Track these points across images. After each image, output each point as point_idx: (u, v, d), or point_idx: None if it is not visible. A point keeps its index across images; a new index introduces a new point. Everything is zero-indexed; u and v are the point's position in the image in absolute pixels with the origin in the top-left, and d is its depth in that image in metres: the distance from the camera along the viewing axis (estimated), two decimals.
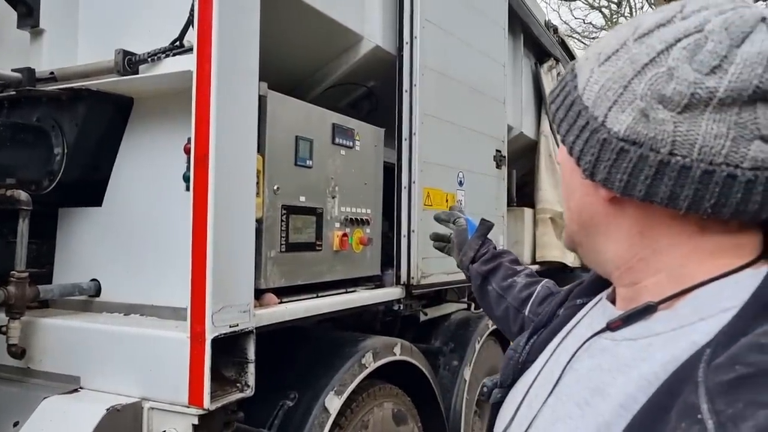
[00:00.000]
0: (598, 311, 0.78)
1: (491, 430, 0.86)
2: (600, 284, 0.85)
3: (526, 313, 1.25)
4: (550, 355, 0.79)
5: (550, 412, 0.69)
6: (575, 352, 0.70)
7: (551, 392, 0.70)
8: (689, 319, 0.62)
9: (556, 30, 5.22)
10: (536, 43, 4.69)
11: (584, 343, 0.70)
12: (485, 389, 0.90)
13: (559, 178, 0.86)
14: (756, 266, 0.63)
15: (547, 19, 5.07)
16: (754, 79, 0.56)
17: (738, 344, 0.53)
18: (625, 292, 0.71)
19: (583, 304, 0.85)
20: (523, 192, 4.88)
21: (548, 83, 4.82)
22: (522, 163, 4.86)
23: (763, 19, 0.58)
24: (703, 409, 0.50)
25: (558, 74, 5.01)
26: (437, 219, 1.72)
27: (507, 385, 0.86)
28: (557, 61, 5.03)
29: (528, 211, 4.59)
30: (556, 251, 4.59)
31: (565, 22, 19.15)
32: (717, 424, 0.48)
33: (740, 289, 0.61)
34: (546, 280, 1.31)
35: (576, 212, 0.73)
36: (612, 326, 0.67)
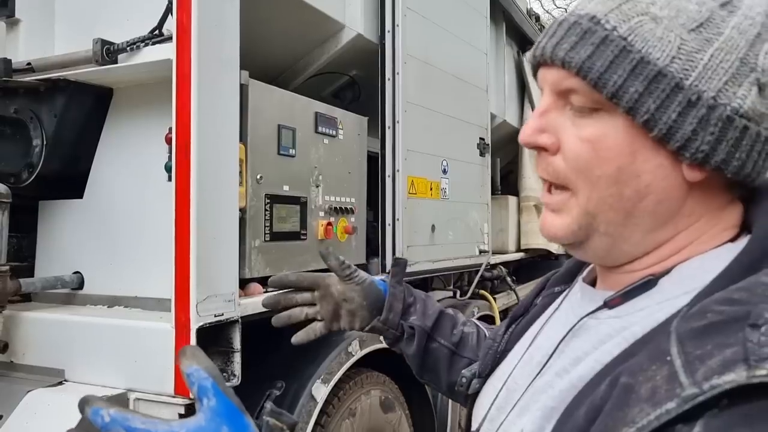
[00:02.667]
0: (576, 295, 0.77)
1: (470, 420, 0.85)
2: (576, 271, 0.85)
3: None
4: (531, 342, 0.79)
5: (533, 390, 0.70)
6: (566, 335, 0.69)
7: (539, 373, 0.70)
8: (673, 293, 0.63)
9: (538, 18, 5.23)
10: (518, 32, 4.70)
11: (577, 323, 0.69)
12: (464, 380, 0.88)
13: None
14: (736, 241, 0.64)
15: (528, 7, 5.08)
16: None
17: (711, 298, 0.55)
18: (619, 276, 0.69)
19: (561, 292, 0.85)
20: (507, 180, 4.91)
21: (531, 72, 4.82)
22: (506, 151, 4.87)
23: None
24: (672, 351, 0.52)
25: None
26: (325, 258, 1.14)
27: (485, 375, 0.85)
28: None
29: (512, 199, 4.61)
30: (540, 239, 4.63)
31: (547, 11, 19.21)
32: (684, 362, 0.50)
33: (722, 261, 0.61)
34: (474, 321, 1.15)
35: (634, 199, 0.62)
36: (610, 303, 0.66)
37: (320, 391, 2.02)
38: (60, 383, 1.73)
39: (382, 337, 1.13)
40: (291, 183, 2.07)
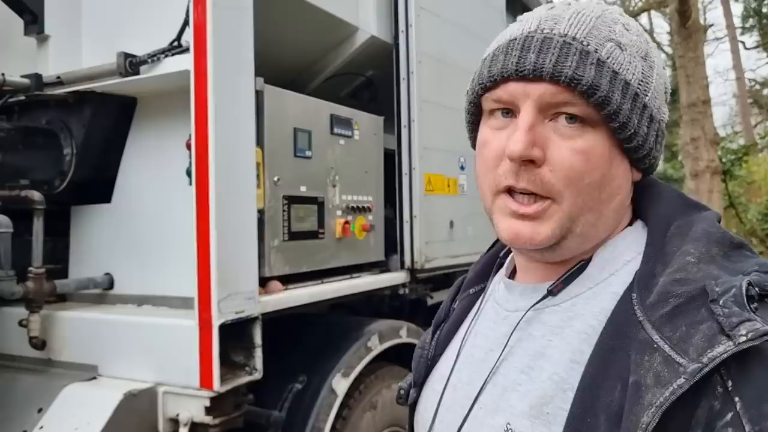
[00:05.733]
0: (499, 291, 0.82)
1: (412, 428, 0.87)
2: (488, 271, 0.90)
3: None
4: (462, 343, 0.82)
5: (492, 387, 0.72)
6: (514, 329, 0.73)
7: (493, 370, 0.73)
8: (601, 276, 0.71)
9: None
10: None
11: (524, 316, 0.73)
12: (402, 392, 0.90)
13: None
14: (632, 224, 0.76)
15: None
16: None
17: (660, 284, 0.63)
18: (549, 267, 0.74)
19: (477, 293, 0.89)
20: None
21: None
22: None
23: None
24: (656, 338, 0.60)
25: None
26: None
27: (421, 383, 0.87)
28: None
29: None
30: None
31: None
32: (671, 346, 0.58)
33: (630, 243, 0.72)
34: None
35: (607, 201, 0.70)
36: (554, 291, 0.72)
37: (341, 384, 2.09)
38: (94, 378, 1.84)
39: None
40: (308, 184, 2.14)
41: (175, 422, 1.73)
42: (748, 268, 0.62)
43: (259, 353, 1.80)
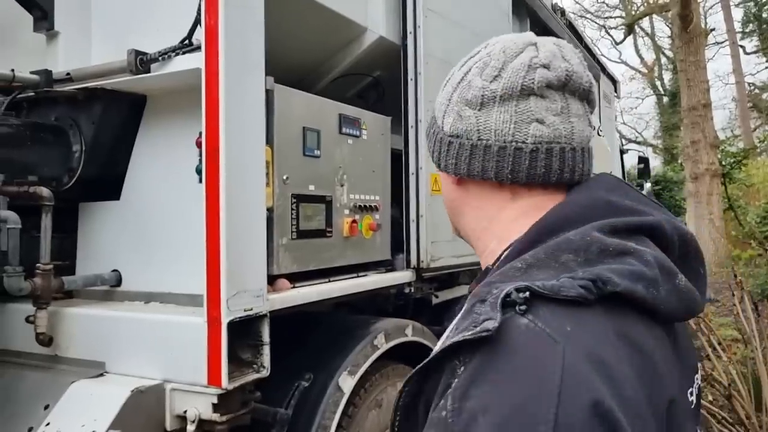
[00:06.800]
0: None
1: None
2: None
3: None
4: None
5: None
6: (455, 320, 0.85)
7: None
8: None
9: (563, 13, 5.21)
10: (544, 28, 4.69)
11: (462, 311, 0.85)
12: None
13: None
14: None
15: (554, 2, 5.06)
16: (520, 80, 0.82)
17: (480, 284, 0.76)
18: (484, 263, 0.91)
19: None
20: None
21: None
22: None
23: (533, 43, 0.85)
24: (448, 329, 0.75)
25: None
26: None
27: None
28: None
29: None
30: None
31: (577, 2, 18.97)
32: (441, 346, 0.71)
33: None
34: None
35: (447, 204, 0.96)
36: (470, 289, 0.86)
37: (347, 382, 2.09)
38: (101, 375, 1.84)
39: None
40: (316, 182, 2.14)
41: (182, 419, 1.73)
42: (573, 274, 0.69)
43: (267, 351, 1.80)
